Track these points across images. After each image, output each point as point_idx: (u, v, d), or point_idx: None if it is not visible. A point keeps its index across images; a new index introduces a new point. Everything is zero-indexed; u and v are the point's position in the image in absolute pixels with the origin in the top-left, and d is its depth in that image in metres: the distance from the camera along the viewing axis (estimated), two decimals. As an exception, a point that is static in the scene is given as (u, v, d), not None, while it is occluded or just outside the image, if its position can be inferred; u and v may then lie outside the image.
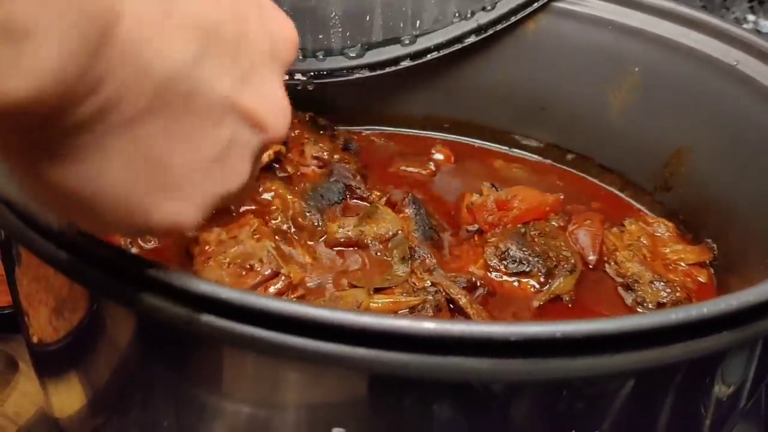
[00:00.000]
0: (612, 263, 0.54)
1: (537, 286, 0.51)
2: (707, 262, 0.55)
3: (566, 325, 0.27)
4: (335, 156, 0.60)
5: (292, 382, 0.30)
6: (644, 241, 0.55)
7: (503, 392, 0.29)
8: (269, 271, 0.47)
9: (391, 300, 0.48)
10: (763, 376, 0.38)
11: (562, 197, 0.58)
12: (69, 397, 0.41)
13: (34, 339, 0.41)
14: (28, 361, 0.53)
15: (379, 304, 0.47)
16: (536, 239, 0.53)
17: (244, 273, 0.47)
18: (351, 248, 0.52)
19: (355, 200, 0.57)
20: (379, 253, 0.52)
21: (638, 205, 0.64)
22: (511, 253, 0.51)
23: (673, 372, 0.32)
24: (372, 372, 0.28)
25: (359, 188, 0.57)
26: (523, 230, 0.54)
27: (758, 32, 0.88)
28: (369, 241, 0.52)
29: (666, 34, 0.60)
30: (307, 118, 0.63)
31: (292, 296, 0.47)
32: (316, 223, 0.53)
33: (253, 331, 0.27)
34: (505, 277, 0.51)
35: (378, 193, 0.58)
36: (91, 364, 0.37)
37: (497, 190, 0.57)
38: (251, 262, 0.47)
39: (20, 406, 0.53)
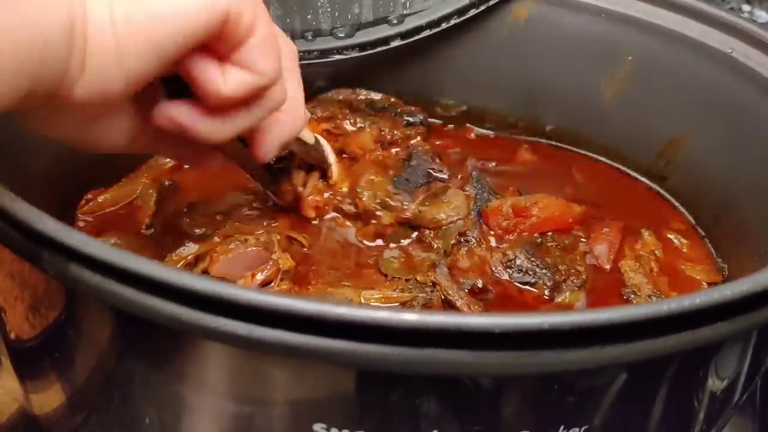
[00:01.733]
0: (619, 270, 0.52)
1: (544, 297, 0.49)
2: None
3: (554, 316, 0.26)
4: (397, 133, 0.60)
5: (270, 376, 0.29)
6: (657, 254, 0.53)
7: (490, 385, 0.29)
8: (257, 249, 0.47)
9: (381, 295, 0.47)
10: (758, 370, 0.38)
11: (585, 208, 0.56)
12: (48, 395, 0.40)
13: (12, 336, 0.41)
14: (7, 357, 0.52)
15: (368, 299, 0.46)
16: (552, 250, 0.51)
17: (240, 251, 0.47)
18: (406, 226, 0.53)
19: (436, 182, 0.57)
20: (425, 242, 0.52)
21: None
22: (518, 262, 0.50)
23: (667, 364, 0.32)
24: (352, 365, 0.27)
25: (440, 171, 0.57)
26: (539, 240, 0.52)
27: (753, 22, 0.87)
28: (426, 222, 0.52)
29: (660, 22, 0.59)
30: (362, 100, 0.64)
31: (278, 286, 0.46)
32: (404, 205, 0.54)
33: (227, 324, 0.26)
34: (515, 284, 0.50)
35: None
36: (68, 360, 0.37)
37: (520, 195, 0.55)
38: (248, 237, 0.47)
39: (2, 402, 0.53)
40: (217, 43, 0.33)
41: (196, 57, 0.33)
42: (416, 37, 0.62)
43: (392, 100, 0.65)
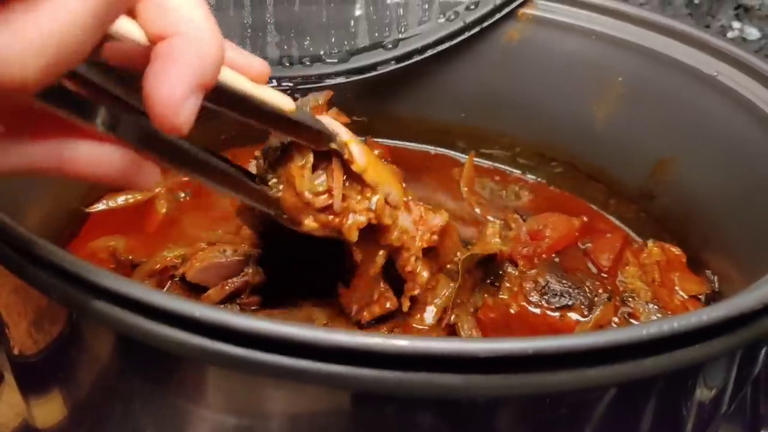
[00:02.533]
0: (619, 275, 0.54)
1: (581, 319, 0.49)
2: (702, 296, 0.55)
3: (538, 341, 0.27)
4: None
5: (266, 397, 0.30)
6: (661, 265, 0.55)
7: (480, 407, 0.30)
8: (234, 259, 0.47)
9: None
10: (744, 383, 0.39)
11: (585, 219, 0.58)
12: (50, 409, 0.41)
13: (15, 351, 0.41)
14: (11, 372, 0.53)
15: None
16: (566, 267, 0.52)
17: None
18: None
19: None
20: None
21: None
22: (552, 286, 0.50)
23: (652, 382, 0.32)
24: (346, 388, 0.28)
25: None
26: (557, 260, 0.53)
27: (744, 40, 0.88)
28: None
29: (649, 44, 0.60)
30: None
31: (247, 298, 0.47)
32: None
33: (226, 349, 0.27)
34: (548, 312, 0.49)
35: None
36: (70, 376, 0.37)
37: (523, 219, 0.56)
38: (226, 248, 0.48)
39: (5, 416, 0.53)
40: None
41: None
42: (410, 61, 0.64)
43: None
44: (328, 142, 0.38)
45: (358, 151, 0.39)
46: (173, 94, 0.25)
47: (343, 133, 0.39)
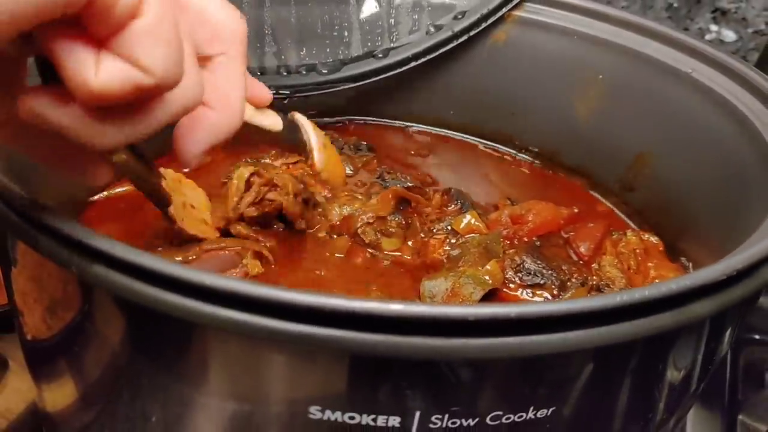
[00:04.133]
0: (596, 264, 0.56)
1: (549, 298, 0.52)
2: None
3: (521, 307, 0.30)
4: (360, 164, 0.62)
5: (269, 362, 0.32)
6: (637, 253, 0.57)
7: (466, 370, 0.32)
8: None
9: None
10: (713, 355, 0.41)
11: (576, 211, 0.60)
12: (61, 393, 0.43)
13: (29, 337, 0.43)
14: (18, 359, 0.54)
15: None
16: (546, 252, 0.55)
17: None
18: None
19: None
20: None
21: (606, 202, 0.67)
22: (526, 265, 0.52)
23: (628, 348, 0.35)
24: (344, 351, 0.30)
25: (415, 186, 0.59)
26: (538, 243, 0.56)
27: (721, 42, 0.91)
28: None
29: (628, 43, 0.63)
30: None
31: None
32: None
33: (231, 314, 0.29)
34: (520, 290, 0.52)
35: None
36: (82, 359, 0.39)
37: (512, 204, 0.59)
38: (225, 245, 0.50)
39: (11, 402, 0.55)
40: (92, 21, 0.25)
41: (61, 33, 0.26)
42: (400, 70, 0.67)
43: (333, 135, 0.67)
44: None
45: (319, 158, 0.54)
46: (192, 152, 0.34)
47: (312, 138, 0.53)
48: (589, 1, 0.65)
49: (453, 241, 0.54)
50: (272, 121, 0.46)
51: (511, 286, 0.52)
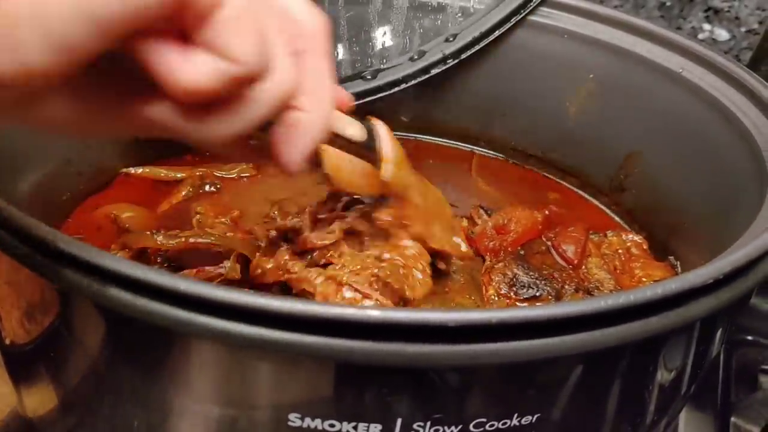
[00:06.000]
0: (583, 267, 0.55)
1: None
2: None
3: (501, 312, 0.29)
4: None
5: (248, 369, 0.32)
6: (620, 253, 0.56)
7: (449, 376, 0.31)
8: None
9: None
10: (703, 359, 0.41)
11: (547, 213, 0.59)
12: (41, 398, 0.42)
13: (7, 341, 0.42)
14: (1, 363, 0.53)
15: None
16: (532, 260, 0.54)
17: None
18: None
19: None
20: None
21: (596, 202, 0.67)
22: (519, 278, 0.51)
23: (614, 354, 0.34)
24: (323, 358, 0.30)
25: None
26: (522, 252, 0.55)
27: (714, 41, 0.91)
28: None
29: (619, 43, 0.63)
30: None
31: None
32: None
33: (212, 322, 0.29)
34: (517, 304, 0.51)
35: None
36: (61, 364, 0.39)
37: (488, 214, 0.57)
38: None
39: (-5, 405, 0.54)
40: (178, 18, 0.26)
41: (149, 36, 0.26)
42: (395, 90, 0.65)
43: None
44: (373, 162, 0.44)
45: (391, 170, 0.44)
46: (293, 159, 0.34)
47: (385, 145, 0.44)
48: (580, 0, 0.65)
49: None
50: (355, 131, 0.41)
51: (507, 302, 0.51)
